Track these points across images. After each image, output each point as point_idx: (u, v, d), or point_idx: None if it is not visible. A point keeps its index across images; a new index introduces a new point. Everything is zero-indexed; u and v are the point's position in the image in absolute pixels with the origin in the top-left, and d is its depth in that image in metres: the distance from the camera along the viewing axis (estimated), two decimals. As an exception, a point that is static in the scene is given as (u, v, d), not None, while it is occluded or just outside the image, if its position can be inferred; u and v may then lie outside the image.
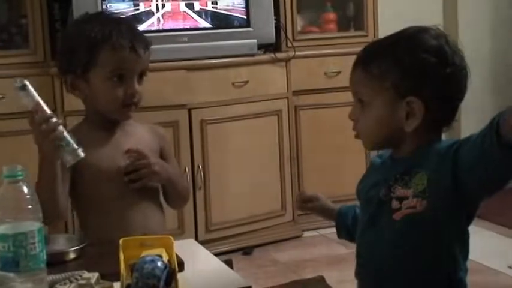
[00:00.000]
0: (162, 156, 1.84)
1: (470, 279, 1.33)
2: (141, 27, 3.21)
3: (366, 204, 1.42)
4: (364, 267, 1.41)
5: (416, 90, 1.31)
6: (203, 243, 2.24)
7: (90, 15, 1.81)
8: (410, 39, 1.35)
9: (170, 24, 3.36)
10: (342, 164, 3.67)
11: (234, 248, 3.41)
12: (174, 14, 3.36)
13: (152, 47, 2.50)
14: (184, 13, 3.38)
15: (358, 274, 1.43)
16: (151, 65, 3.14)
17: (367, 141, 1.40)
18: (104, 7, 3.13)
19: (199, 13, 3.40)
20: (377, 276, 1.38)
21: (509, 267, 3.05)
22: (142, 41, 1.75)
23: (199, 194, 3.35)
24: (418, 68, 1.31)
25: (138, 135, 1.80)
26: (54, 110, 3.04)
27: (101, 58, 1.69)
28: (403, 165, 1.34)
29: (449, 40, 1.35)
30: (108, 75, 1.70)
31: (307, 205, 1.61)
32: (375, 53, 1.37)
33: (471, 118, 4.43)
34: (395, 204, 1.32)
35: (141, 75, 1.76)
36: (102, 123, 1.76)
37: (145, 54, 1.76)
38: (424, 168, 1.29)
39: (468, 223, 1.34)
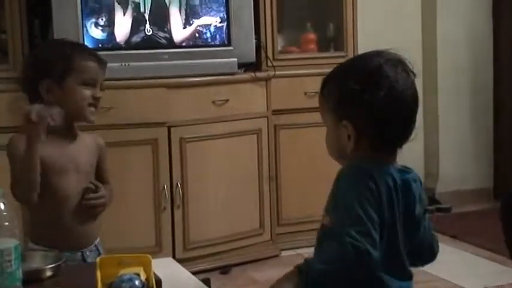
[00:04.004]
0: (99, 162, 2.11)
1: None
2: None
3: None
4: None
5: (347, 115, 1.37)
6: (181, 261, 2.23)
7: (56, 39, 2.08)
8: (350, 65, 1.43)
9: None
10: (320, 184, 3.66)
11: (212, 267, 3.39)
12: (155, 32, 3.37)
13: (134, 64, 2.68)
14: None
15: None
16: (131, 82, 3.21)
17: (332, 158, 1.46)
18: (84, 22, 3.15)
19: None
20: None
21: (485, 288, 3.07)
22: (101, 58, 2.07)
23: (178, 212, 3.33)
24: (346, 94, 1.37)
25: (86, 144, 2.08)
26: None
27: (75, 66, 2.00)
28: None
29: (399, 64, 1.36)
30: (81, 80, 2.00)
31: None
32: (327, 77, 1.44)
33: (450, 135, 4.50)
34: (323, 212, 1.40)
35: (101, 85, 2.06)
36: (60, 128, 1.95)
37: (104, 68, 2.07)
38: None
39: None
